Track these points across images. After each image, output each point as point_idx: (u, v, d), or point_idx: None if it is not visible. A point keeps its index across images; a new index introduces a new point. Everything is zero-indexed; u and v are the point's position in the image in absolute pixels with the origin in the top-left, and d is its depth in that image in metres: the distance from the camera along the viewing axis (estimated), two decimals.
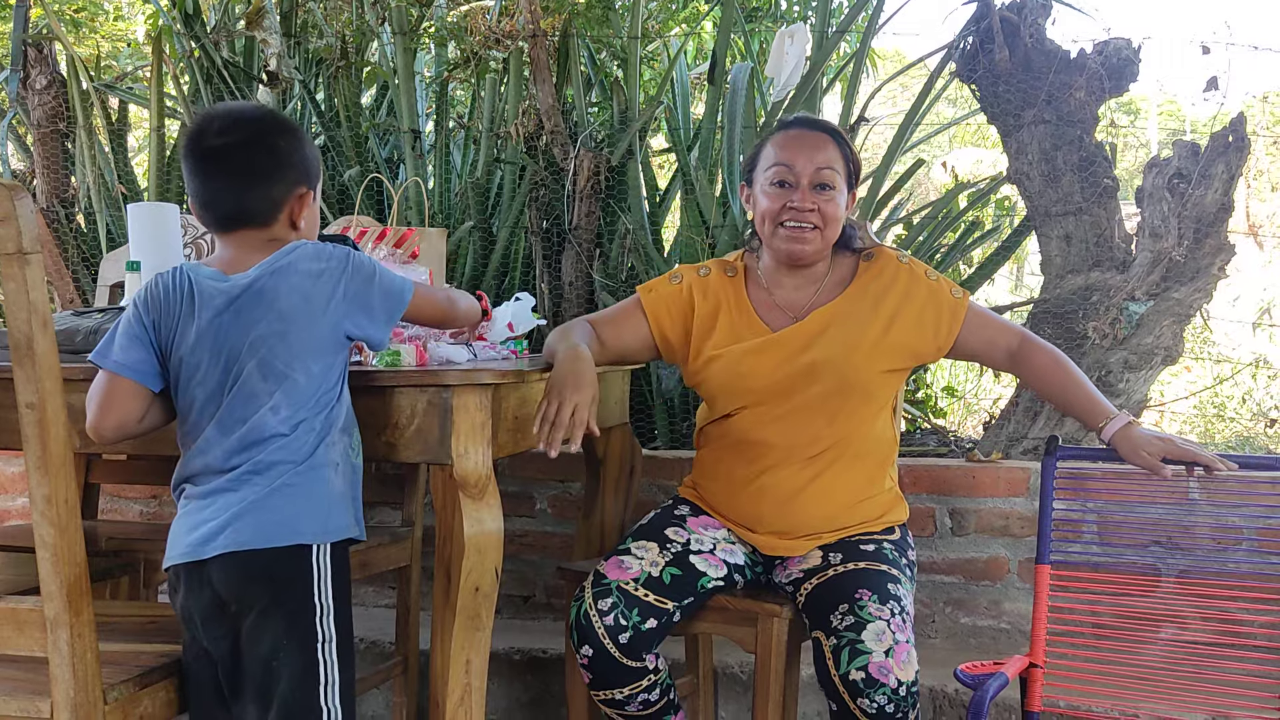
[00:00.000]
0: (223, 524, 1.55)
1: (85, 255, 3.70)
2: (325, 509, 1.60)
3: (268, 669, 1.54)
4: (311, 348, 1.60)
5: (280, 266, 1.60)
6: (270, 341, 1.58)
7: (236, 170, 1.62)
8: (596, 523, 2.41)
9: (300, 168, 1.67)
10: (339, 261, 1.63)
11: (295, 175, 1.66)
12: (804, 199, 2.00)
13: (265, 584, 1.54)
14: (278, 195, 1.64)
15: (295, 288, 1.59)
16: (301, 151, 1.67)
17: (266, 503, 1.56)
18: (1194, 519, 2.03)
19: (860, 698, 1.75)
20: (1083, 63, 3.15)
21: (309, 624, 1.56)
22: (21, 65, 3.70)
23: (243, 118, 1.66)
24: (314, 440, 1.59)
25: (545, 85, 3.42)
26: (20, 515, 3.23)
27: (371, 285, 1.65)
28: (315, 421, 1.60)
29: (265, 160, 1.63)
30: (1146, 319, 3.06)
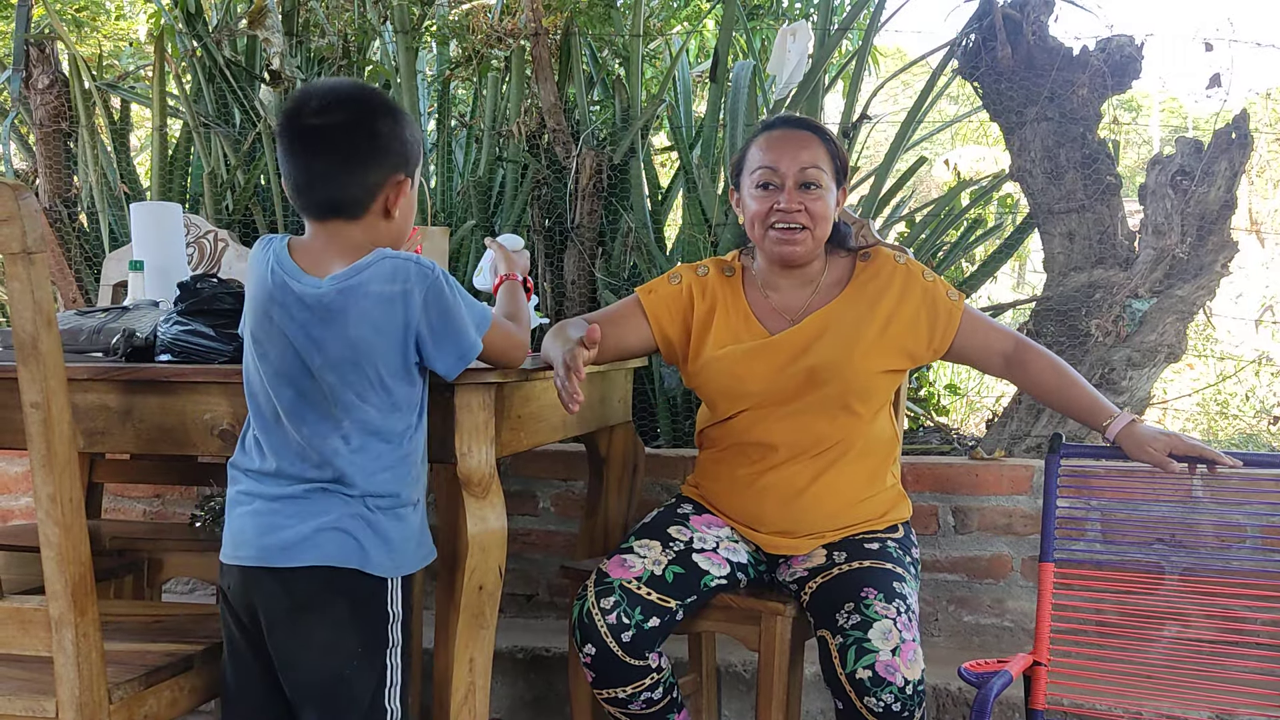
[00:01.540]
0: (306, 535, 1.51)
1: (88, 255, 3.70)
2: (403, 548, 1.57)
3: (340, 677, 1.53)
4: (385, 379, 1.53)
5: (351, 285, 1.51)
6: (342, 369, 1.52)
7: (334, 153, 1.52)
8: (599, 521, 2.42)
9: (400, 153, 1.56)
10: (416, 284, 1.52)
11: (394, 161, 1.56)
12: (790, 200, 1.99)
13: (346, 599, 1.53)
14: (374, 182, 1.54)
15: (365, 314, 1.51)
16: (402, 135, 1.56)
17: (350, 526, 1.53)
18: (1198, 517, 2.03)
19: (867, 696, 1.75)
20: (1085, 60, 3.15)
21: (382, 634, 1.55)
22: (24, 65, 3.70)
23: (343, 96, 1.55)
24: (391, 476, 1.55)
25: (547, 83, 3.41)
26: (24, 515, 3.24)
27: (449, 321, 1.55)
28: (390, 457, 1.55)
29: (365, 144, 1.53)
30: (1149, 316, 3.06)
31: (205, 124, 3.70)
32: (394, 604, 1.56)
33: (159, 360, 1.81)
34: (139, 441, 1.75)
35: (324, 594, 1.52)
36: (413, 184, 1.61)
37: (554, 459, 2.98)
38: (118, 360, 1.83)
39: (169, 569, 2.45)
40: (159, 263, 2.29)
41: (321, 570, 1.51)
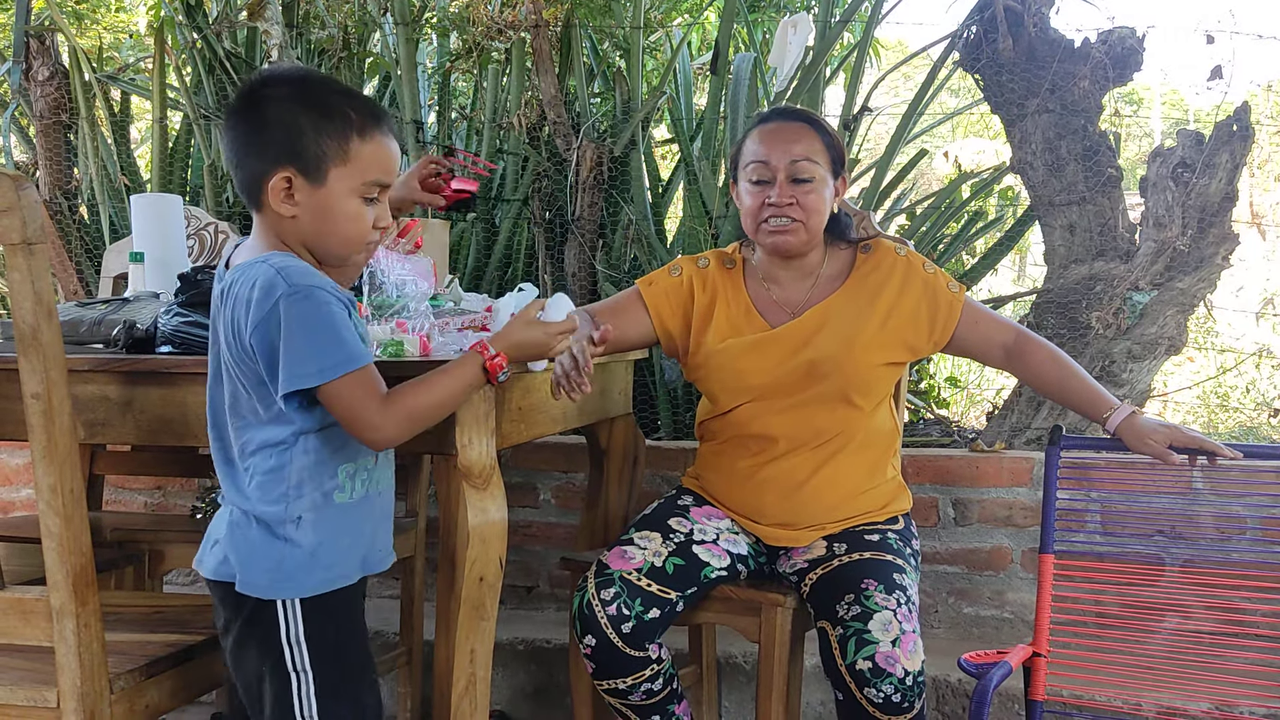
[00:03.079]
0: (211, 542, 1.51)
1: (88, 247, 3.70)
2: (282, 569, 1.45)
3: (253, 694, 1.50)
4: (248, 387, 1.45)
5: (227, 285, 1.46)
6: (230, 369, 1.46)
7: (227, 136, 1.48)
8: (600, 513, 2.42)
9: (284, 144, 1.42)
10: (280, 299, 1.38)
11: (275, 153, 1.42)
12: (781, 194, 1.98)
13: (238, 617, 1.48)
14: (258, 172, 1.44)
15: (230, 318, 1.43)
16: (295, 125, 1.42)
17: (228, 540, 1.47)
18: (1198, 509, 2.03)
19: (867, 687, 1.75)
20: (1086, 52, 3.15)
21: (279, 663, 1.46)
22: (24, 57, 3.70)
23: (257, 79, 1.48)
24: (265, 492, 1.45)
25: (548, 76, 3.41)
26: (25, 506, 3.24)
27: (290, 341, 1.38)
28: (264, 470, 1.45)
29: (252, 131, 1.44)
30: (1150, 309, 3.06)
31: (205, 116, 3.69)
32: (290, 631, 1.45)
33: (160, 352, 1.81)
34: (140, 433, 1.75)
35: (221, 608, 1.51)
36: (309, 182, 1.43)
37: (554, 451, 2.98)
38: (118, 352, 1.83)
39: (170, 560, 2.46)
40: (159, 255, 2.29)
41: (214, 584, 1.50)
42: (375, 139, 1.47)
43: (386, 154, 1.49)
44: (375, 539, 1.57)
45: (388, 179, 1.49)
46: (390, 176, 1.50)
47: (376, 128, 1.47)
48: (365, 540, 1.55)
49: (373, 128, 1.47)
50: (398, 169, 1.53)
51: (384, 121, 1.50)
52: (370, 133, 1.47)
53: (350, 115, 1.46)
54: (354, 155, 1.45)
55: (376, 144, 1.47)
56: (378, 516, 1.58)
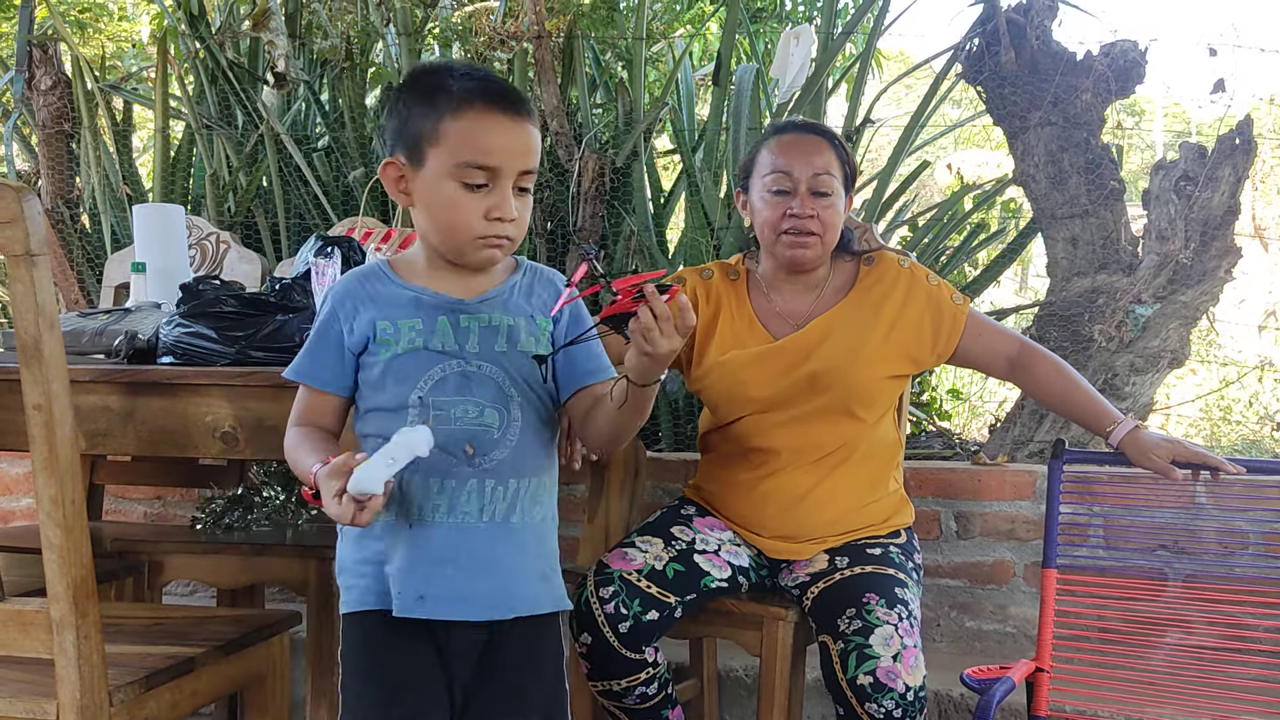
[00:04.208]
0: None
1: (90, 256, 3.70)
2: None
3: None
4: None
5: None
6: None
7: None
8: (601, 525, 2.41)
9: (390, 133, 1.41)
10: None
11: (389, 139, 1.42)
12: (803, 206, 1.98)
13: None
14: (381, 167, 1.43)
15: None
16: (392, 112, 1.41)
17: None
18: (1200, 523, 2.03)
19: (868, 703, 1.74)
20: (1089, 64, 3.15)
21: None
22: (27, 66, 3.71)
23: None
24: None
25: (550, 86, 3.41)
26: (25, 516, 3.23)
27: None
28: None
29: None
30: (1153, 322, 3.05)
31: (208, 125, 3.70)
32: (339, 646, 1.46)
33: (161, 362, 1.81)
34: (140, 443, 1.74)
35: None
36: (413, 166, 1.39)
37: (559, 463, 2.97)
38: (120, 362, 1.83)
39: (170, 571, 2.45)
40: (161, 264, 2.29)
41: None
42: (469, 116, 1.34)
43: (483, 133, 1.34)
44: (407, 573, 1.39)
45: (486, 160, 1.34)
46: (492, 159, 1.34)
47: (472, 104, 1.34)
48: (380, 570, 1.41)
49: (469, 104, 1.34)
50: (517, 152, 1.36)
51: (487, 97, 1.35)
52: (465, 109, 1.34)
53: (450, 91, 1.35)
54: (444, 134, 1.35)
55: (471, 121, 1.34)
56: (412, 548, 1.40)
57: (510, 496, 1.41)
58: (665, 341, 1.27)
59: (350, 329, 1.43)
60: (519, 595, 1.42)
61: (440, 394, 1.38)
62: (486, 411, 1.40)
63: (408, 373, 1.39)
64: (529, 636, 1.44)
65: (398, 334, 1.40)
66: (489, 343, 1.41)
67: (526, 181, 1.39)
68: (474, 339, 1.40)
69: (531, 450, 1.43)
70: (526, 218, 1.41)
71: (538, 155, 1.41)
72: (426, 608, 1.38)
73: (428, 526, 1.39)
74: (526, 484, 1.42)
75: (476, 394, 1.39)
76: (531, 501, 1.43)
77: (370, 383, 1.42)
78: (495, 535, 1.40)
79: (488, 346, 1.41)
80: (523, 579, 1.43)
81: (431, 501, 1.39)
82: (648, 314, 1.26)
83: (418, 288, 1.43)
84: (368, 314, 1.42)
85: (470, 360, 1.40)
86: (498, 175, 1.35)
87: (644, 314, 1.26)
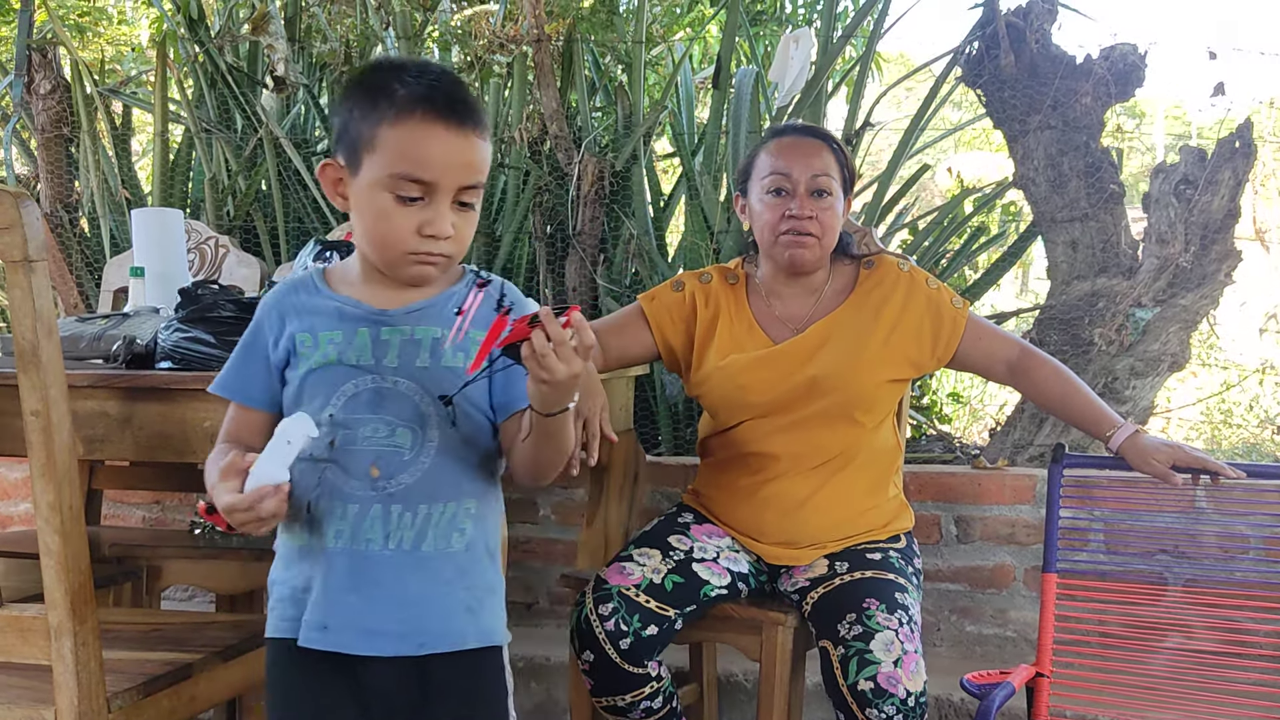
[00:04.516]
0: None
1: (89, 260, 3.70)
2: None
3: None
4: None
5: None
6: None
7: None
8: (600, 529, 2.41)
9: (335, 133, 1.33)
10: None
11: (332, 138, 1.33)
12: (802, 207, 1.98)
13: None
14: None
15: None
16: (341, 111, 1.32)
17: None
18: (1201, 527, 2.02)
19: (868, 708, 1.74)
20: (1089, 68, 3.15)
21: None
22: (26, 70, 3.71)
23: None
24: None
25: (549, 90, 3.41)
26: (23, 521, 3.23)
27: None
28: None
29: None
30: (1153, 325, 3.05)
31: (207, 129, 3.70)
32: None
33: (159, 367, 1.81)
34: (139, 449, 1.74)
35: None
36: (350, 171, 1.30)
37: None
38: (118, 367, 1.82)
39: (168, 576, 2.45)
40: (160, 269, 2.29)
41: None
42: (409, 125, 1.25)
43: (421, 144, 1.25)
44: (314, 600, 1.31)
45: (421, 174, 1.25)
46: (428, 172, 1.25)
47: (413, 112, 1.25)
48: (299, 595, 1.33)
49: (409, 112, 1.25)
50: (456, 166, 1.27)
51: (430, 105, 1.25)
52: (405, 117, 1.25)
53: (392, 96, 1.26)
54: (381, 141, 1.26)
55: (409, 130, 1.25)
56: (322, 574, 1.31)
57: (419, 523, 1.30)
58: (562, 367, 1.18)
59: (275, 342, 1.35)
60: (433, 631, 1.31)
61: (352, 411, 1.29)
62: (399, 431, 1.30)
63: (320, 388, 1.31)
64: (462, 675, 1.35)
65: (315, 347, 1.32)
66: (410, 357, 1.31)
67: (469, 197, 1.30)
68: (393, 353, 1.31)
69: (449, 474, 1.32)
70: (467, 234, 1.32)
71: (483, 169, 1.30)
72: (329, 639, 1.29)
73: (333, 553, 1.30)
74: (440, 510, 1.31)
75: (389, 412, 1.30)
76: (447, 529, 1.32)
77: (290, 399, 1.34)
78: (403, 565, 1.30)
79: (408, 361, 1.30)
80: (438, 613, 1.31)
81: (335, 526, 1.30)
82: (540, 339, 1.17)
83: (343, 298, 1.35)
84: (291, 326, 1.34)
85: (386, 375, 1.30)
86: (434, 190, 1.26)
87: (537, 339, 1.17)
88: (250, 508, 1.21)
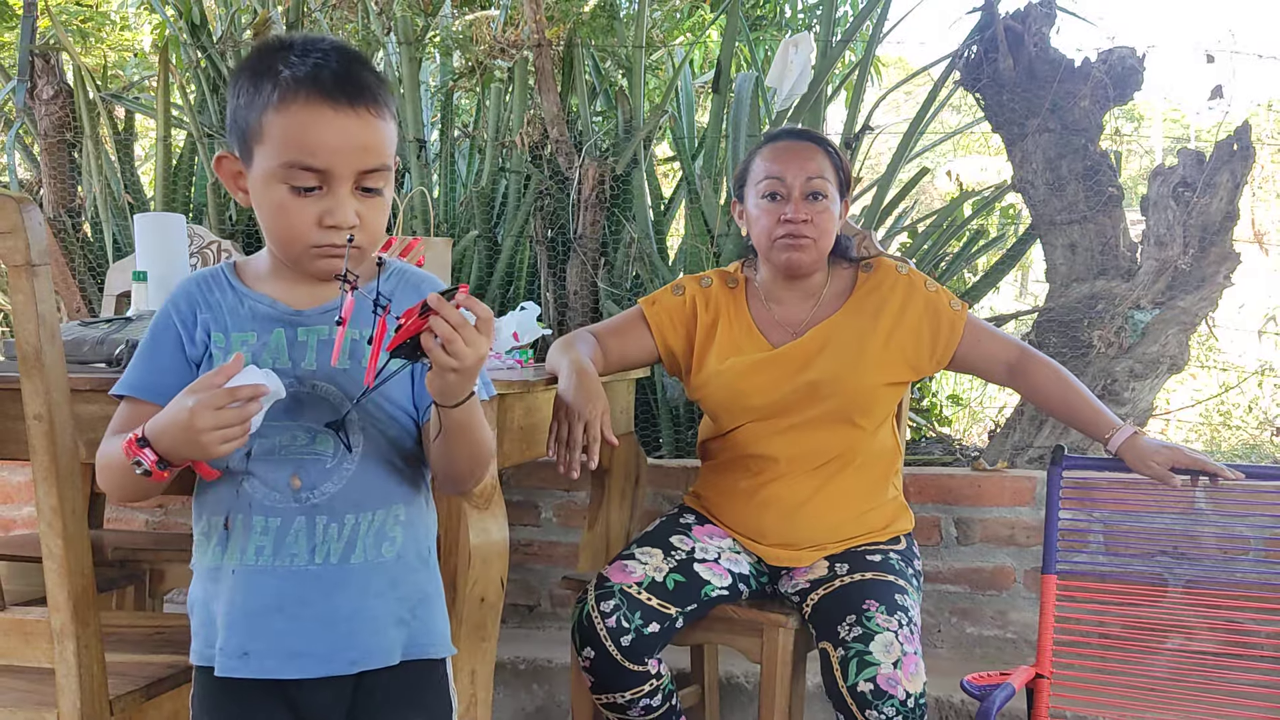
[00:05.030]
0: None
1: (91, 265, 3.71)
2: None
3: None
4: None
5: None
6: None
7: None
8: (601, 532, 2.41)
9: (227, 123, 1.24)
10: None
11: (227, 127, 1.25)
12: (797, 210, 1.99)
13: None
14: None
15: None
16: (230, 99, 1.23)
17: None
18: (1200, 528, 2.03)
19: (868, 709, 1.74)
20: (1087, 71, 3.16)
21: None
22: (29, 75, 3.72)
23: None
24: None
25: (550, 94, 3.42)
26: (26, 524, 3.24)
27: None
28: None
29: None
30: (1152, 327, 3.06)
31: (209, 134, 3.71)
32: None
33: None
34: None
35: None
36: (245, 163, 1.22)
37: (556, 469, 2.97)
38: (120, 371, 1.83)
39: (170, 579, 2.45)
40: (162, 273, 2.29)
41: None
42: (293, 109, 1.15)
43: (308, 128, 1.15)
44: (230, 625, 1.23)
45: (311, 161, 1.16)
46: (318, 159, 1.16)
47: (296, 95, 1.15)
48: (240, 623, 1.23)
49: (293, 95, 1.15)
50: (350, 150, 1.17)
51: (313, 86, 1.16)
52: (289, 101, 1.16)
53: (276, 78, 1.17)
54: (267, 129, 1.17)
55: (294, 115, 1.15)
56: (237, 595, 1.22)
57: (348, 534, 1.23)
58: (471, 350, 1.10)
59: (191, 337, 1.26)
60: (364, 647, 1.23)
61: (269, 418, 1.16)
62: (319, 437, 1.22)
63: None
64: (402, 689, 1.27)
65: (229, 349, 1.24)
66: (327, 359, 1.22)
67: (372, 181, 1.20)
68: (311, 355, 1.23)
69: (377, 479, 1.24)
70: (377, 221, 1.22)
71: (382, 151, 1.20)
72: (251, 666, 1.21)
73: (252, 572, 1.22)
74: (369, 519, 1.24)
75: (308, 418, 1.22)
76: (378, 538, 1.24)
77: None
78: (331, 579, 1.22)
79: (325, 363, 1.22)
80: (369, 627, 1.23)
81: (255, 542, 1.21)
82: (444, 326, 1.08)
83: (257, 295, 1.26)
84: (204, 323, 1.26)
85: (304, 380, 1.22)
86: (329, 177, 1.17)
87: (439, 325, 1.08)
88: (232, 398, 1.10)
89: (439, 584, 1.33)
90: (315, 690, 1.23)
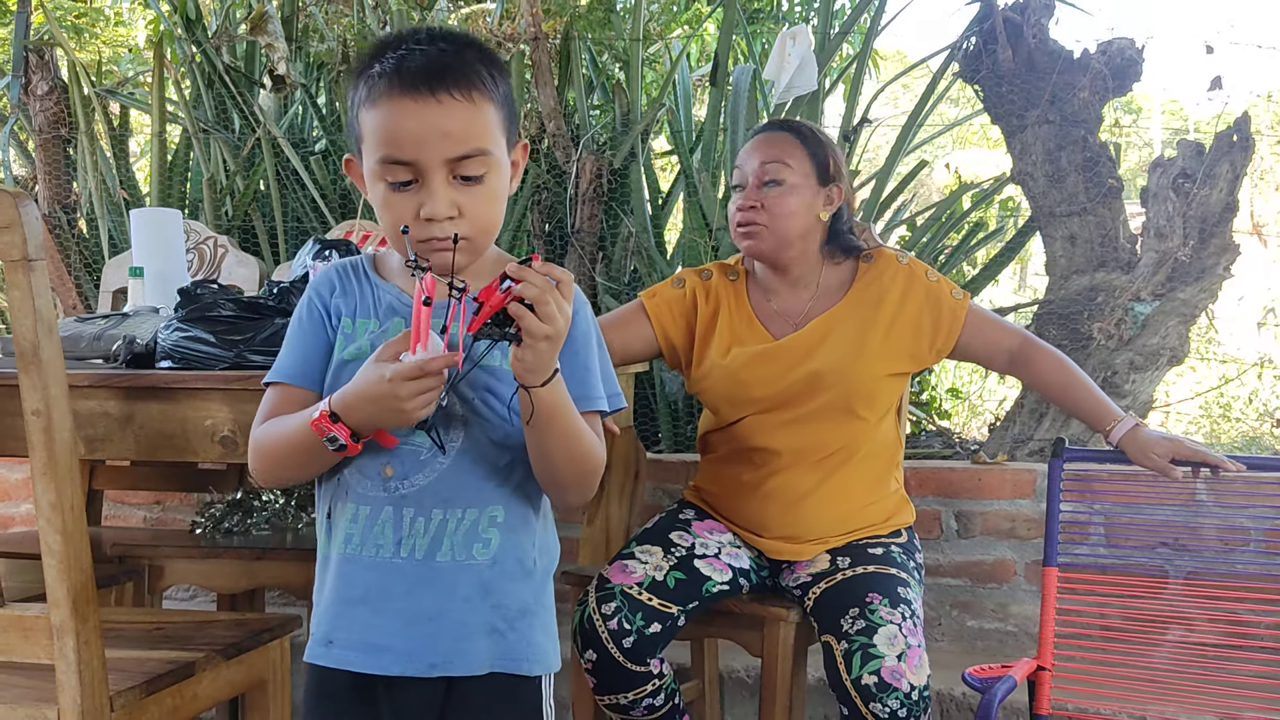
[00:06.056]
0: None
1: (87, 261, 3.70)
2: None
3: None
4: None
5: None
6: None
7: None
8: (601, 527, 2.41)
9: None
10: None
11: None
12: (747, 198, 2.03)
13: None
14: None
15: None
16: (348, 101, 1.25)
17: None
18: (1201, 520, 2.03)
19: (873, 702, 1.74)
20: (1086, 63, 3.15)
21: None
22: (23, 71, 3.71)
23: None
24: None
25: (547, 88, 3.41)
26: (24, 521, 3.23)
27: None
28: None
29: None
30: (1152, 319, 3.05)
31: (204, 129, 3.70)
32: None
33: (159, 367, 1.81)
34: (139, 448, 1.74)
35: None
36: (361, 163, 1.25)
37: None
38: (118, 367, 1.82)
39: (170, 576, 2.45)
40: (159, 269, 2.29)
41: None
42: (381, 105, 1.16)
43: (393, 122, 1.16)
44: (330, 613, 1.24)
45: (399, 154, 1.16)
46: (405, 151, 1.16)
47: (384, 91, 1.16)
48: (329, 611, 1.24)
49: (381, 91, 1.16)
50: (433, 139, 1.16)
51: (396, 79, 1.15)
52: (378, 97, 1.16)
53: (369, 76, 1.18)
54: (364, 128, 1.19)
55: (382, 110, 1.16)
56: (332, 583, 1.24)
57: (434, 530, 1.20)
58: (561, 313, 1.08)
59: (328, 321, 1.28)
60: (446, 651, 1.20)
61: None
62: (418, 429, 1.19)
63: (346, 380, 1.19)
64: (487, 703, 1.22)
65: (353, 336, 1.25)
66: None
67: (470, 169, 1.17)
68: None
69: (472, 478, 1.21)
70: (482, 210, 1.20)
71: (471, 136, 1.17)
72: (333, 655, 1.22)
73: (346, 561, 1.22)
74: (458, 517, 1.21)
75: None
76: (468, 538, 1.21)
77: (326, 389, 1.25)
78: (415, 575, 1.20)
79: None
80: (454, 632, 1.20)
81: (345, 530, 1.22)
82: (531, 288, 1.06)
83: (386, 285, 1.28)
84: (336, 308, 1.28)
85: None
86: (420, 169, 1.16)
87: (527, 289, 1.06)
88: (423, 371, 1.09)
89: (547, 599, 1.28)
90: (403, 691, 1.21)
